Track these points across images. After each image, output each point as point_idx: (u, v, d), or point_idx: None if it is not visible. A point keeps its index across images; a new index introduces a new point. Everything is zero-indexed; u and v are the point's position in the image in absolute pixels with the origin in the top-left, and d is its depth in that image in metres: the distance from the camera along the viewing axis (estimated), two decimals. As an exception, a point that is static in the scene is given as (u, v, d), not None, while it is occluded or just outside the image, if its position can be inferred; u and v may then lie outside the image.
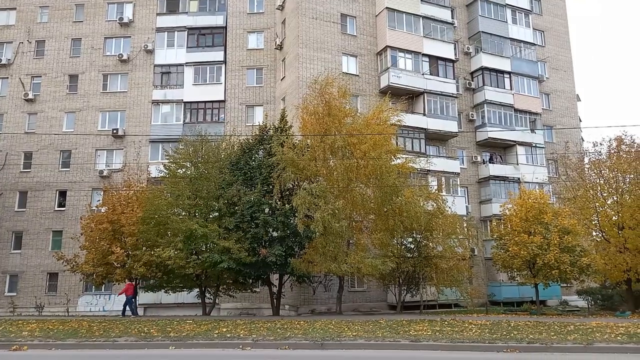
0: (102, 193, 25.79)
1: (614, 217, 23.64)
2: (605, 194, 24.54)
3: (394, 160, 21.56)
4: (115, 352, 12.21)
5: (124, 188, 22.80)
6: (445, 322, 16.69)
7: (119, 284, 22.65)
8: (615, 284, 25.62)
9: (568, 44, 38.05)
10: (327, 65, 27.89)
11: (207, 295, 22.57)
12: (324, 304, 24.63)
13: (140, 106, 31.00)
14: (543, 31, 36.93)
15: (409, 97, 29.34)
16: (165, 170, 21.98)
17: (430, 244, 22.50)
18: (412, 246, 22.64)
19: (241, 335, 13.66)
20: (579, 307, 26.24)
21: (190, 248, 20.11)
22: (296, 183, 21.10)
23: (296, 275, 21.39)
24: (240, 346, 12.20)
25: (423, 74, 29.78)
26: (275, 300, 22.39)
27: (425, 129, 29.20)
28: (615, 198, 23.94)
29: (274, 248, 19.81)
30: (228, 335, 13.62)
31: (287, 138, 21.33)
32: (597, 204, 24.38)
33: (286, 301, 24.88)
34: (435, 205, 22.38)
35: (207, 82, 31.05)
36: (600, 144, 25.37)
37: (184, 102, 30.78)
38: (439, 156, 29.89)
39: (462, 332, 13.97)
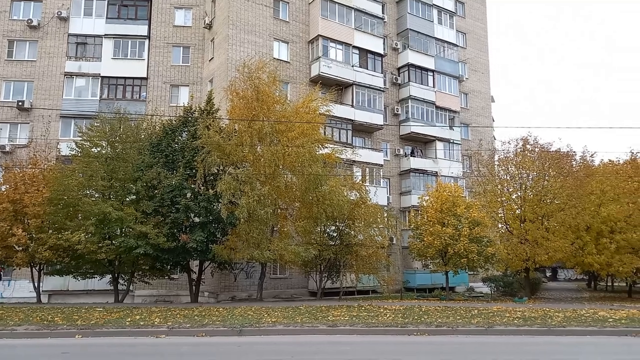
0: (1, 170, 23.46)
1: (517, 211, 25.80)
2: (510, 189, 26.70)
3: (321, 150, 21.78)
4: (14, 341, 11.25)
5: (29, 166, 20.92)
6: (362, 308, 17.28)
7: (20, 268, 20.86)
8: (515, 272, 28.03)
9: (486, 47, 40.56)
10: (257, 49, 27.43)
11: (121, 281, 21.50)
12: (245, 290, 24.49)
13: (51, 78, 28.47)
14: (465, 33, 39.01)
15: (338, 88, 29.72)
16: (77, 149, 20.44)
17: (352, 232, 23.13)
18: (335, 234, 23.15)
19: (156, 323, 13.18)
20: (483, 293, 28.38)
21: (104, 232, 18.98)
22: (221, 168, 20.64)
23: (217, 262, 21.04)
24: (155, 334, 11.79)
25: (353, 66, 30.27)
26: (194, 287, 21.87)
27: (352, 120, 29.79)
28: (519, 193, 26.12)
29: (195, 234, 19.28)
30: (141, 323, 13.09)
31: (213, 121, 20.75)
32: (503, 198, 26.47)
33: (206, 288, 24.40)
34: (358, 195, 23.02)
35: (128, 57, 29.23)
36: (509, 143, 27.52)
37: (102, 77, 28.75)
38: (365, 147, 30.68)
39: (377, 317, 14.54)
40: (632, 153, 29.76)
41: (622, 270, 24.86)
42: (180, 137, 21.78)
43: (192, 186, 20.09)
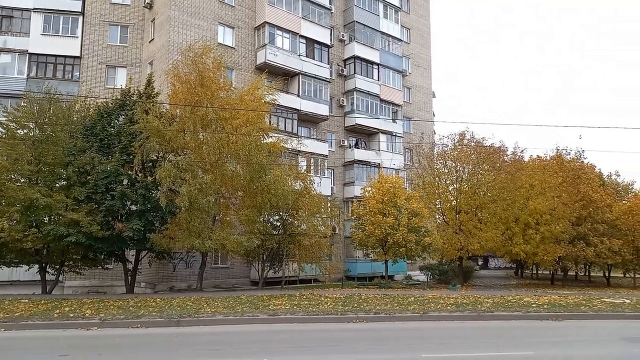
0: None
1: (453, 202, 26.95)
2: (448, 182, 27.82)
3: (266, 139, 21.55)
4: None
5: (-56, 147, 19.11)
6: (304, 297, 17.46)
7: None
8: (450, 261, 29.39)
9: (429, 44, 41.78)
10: (201, 33, 26.57)
11: (50, 271, 20.28)
12: (185, 280, 23.94)
13: (-29, 52, 26.09)
14: (409, 29, 39.93)
15: (284, 77, 29.47)
16: (1, 130, 18.93)
17: (295, 222, 23.17)
18: (278, 224, 23.10)
19: (87, 314, 12.59)
20: (420, 281, 29.52)
21: (30, 220, 17.75)
22: (161, 155, 19.88)
23: (156, 252, 20.36)
24: (86, 327, 11.26)
25: (300, 55, 30.12)
26: (130, 277, 21.05)
27: (298, 110, 29.72)
28: (455, 186, 27.27)
29: (132, 222, 18.50)
30: (71, 315, 12.45)
31: (153, 105, 19.91)
32: (440, 190, 27.56)
33: (142, 278, 23.59)
34: (303, 185, 23.05)
35: (60, 34, 27.32)
36: (447, 137, 28.64)
37: (29, 54, 26.70)
38: (310, 138, 30.73)
39: (318, 306, 14.75)
40: (558, 150, 32.00)
41: (546, 259, 26.73)
42: (116, 121, 20.73)
43: (129, 173, 19.21)
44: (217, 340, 10.38)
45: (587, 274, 37.80)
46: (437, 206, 28.13)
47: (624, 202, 31.14)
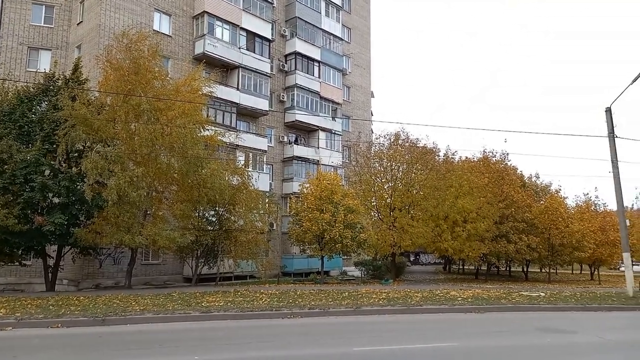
0: None
1: (388, 200, 27.80)
2: (383, 180, 28.65)
3: (202, 132, 21.00)
4: None
5: None
6: (239, 293, 17.24)
7: None
8: (384, 257, 30.30)
9: (369, 44, 42.66)
10: (135, 18, 25.36)
11: (-42, 269, 18.54)
12: (112, 278, 22.81)
13: None
14: (350, 29, 40.52)
15: (223, 69, 28.85)
16: None
17: (232, 217, 22.81)
18: (214, 219, 22.65)
19: (1, 314, 11.63)
20: (355, 276, 30.18)
21: None
22: (88, 145, 18.80)
23: (80, 247, 19.25)
24: (-2, 328, 10.39)
25: (240, 48, 29.60)
26: (50, 274, 19.72)
27: (237, 103, 29.21)
28: (390, 184, 28.14)
29: (54, 216, 17.32)
30: (-18, 316, 11.44)
31: (81, 92, 18.73)
32: (376, 188, 28.32)
33: (65, 275, 22.19)
34: (240, 180, 22.74)
35: (-25, 9, 24.95)
36: (384, 137, 29.45)
37: (-62, 28, 24.18)
38: (249, 132, 30.34)
39: (252, 302, 14.62)
40: (485, 152, 33.95)
41: (472, 255, 28.30)
42: (38, 107, 19.31)
43: (52, 163, 17.98)
44: (146, 339, 9.99)
45: (508, 269, 40.45)
46: (373, 203, 28.89)
47: (541, 202, 33.64)
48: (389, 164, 28.41)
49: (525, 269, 37.54)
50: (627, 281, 21.02)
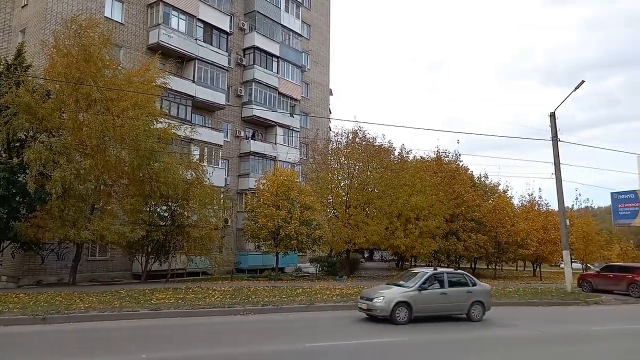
0: None
1: (344, 197, 28.04)
2: (340, 178, 28.88)
3: (156, 124, 20.37)
4: None
5: None
6: (190, 290, 16.92)
7: None
8: (338, 253, 30.57)
9: (328, 41, 42.79)
10: (85, 3, 24.18)
11: None
12: (55, 274, 21.74)
13: None
14: (310, 25, 40.48)
15: (179, 60, 28.06)
16: None
17: (185, 212, 22.29)
18: (167, 214, 22.07)
19: None
20: (309, 273, 30.25)
21: None
22: (31, 134, 17.83)
23: (21, 242, 18.24)
24: None
25: (196, 40, 28.90)
26: (-12, 271, 18.59)
27: (193, 96, 28.51)
28: (347, 182, 28.40)
29: (-8, 209, 16.33)
30: None
31: (25, 79, 17.70)
32: (333, 185, 28.50)
33: (4, 271, 20.99)
34: (194, 174, 22.24)
35: None
36: (341, 135, 29.68)
37: None
38: (205, 126, 29.71)
39: (204, 299, 14.40)
40: (438, 152, 34.96)
41: (423, 252, 29.08)
42: (-24, 93, 18.08)
43: (-9, 153, 16.93)
44: (90, 337, 9.62)
45: (457, 265, 41.84)
46: (329, 200, 29.06)
47: (490, 201, 35.02)
48: (346, 161, 28.65)
49: (473, 266, 38.96)
50: (566, 278, 22.30)
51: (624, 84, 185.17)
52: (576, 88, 22.13)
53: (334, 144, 30.40)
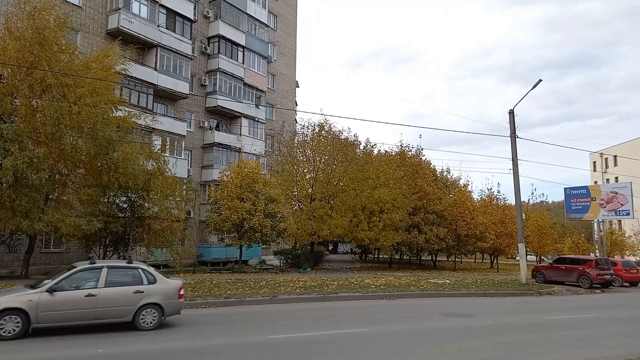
0: None
1: (309, 190, 28.11)
2: (305, 170, 28.90)
3: (115, 112, 19.69)
4: None
5: None
6: (151, 283, 16.52)
7: None
8: (303, 246, 30.64)
9: (295, 33, 42.49)
10: (40, -17, 22.97)
11: None
12: (6, 267, 20.78)
13: None
14: (276, 16, 40.05)
15: (140, 47, 27.20)
16: None
17: (146, 204, 21.71)
18: (126, 205, 21.44)
19: None
20: (273, 265, 30.23)
21: None
22: (-21, 120, 16.85)
23: (-33, 233, 17.29)
24: None
25: (159, 26, 28.05)
26: None
27: (155, 84, 27.72)
28: (312, 174, 28.45)
29: None
30: None
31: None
32: (298, 178, 28.48)
33: (-50, 265, 19.87)
34: (156, 165, 21.66)
35: None
36: (307, 127, 29.66)
37: None
38: (167, 116, 28.96)
39: (165, 292, 14.08)
40: (402, 146, 35.50)
41: (386, 244, 29.55)
42: None
43: None
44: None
45: (418, 258, 42.80)
46: (294, 193, 29.05)
47: (451, 195, 35.92)
48: (311, 154, 28.68)
49: (434, 258, 39.97)
50: (521, 269, 23.22)
51: (579, 84, 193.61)
52: (534, 87, 22.93)
53: (300, 137, 30.36)
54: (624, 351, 8.26)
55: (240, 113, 33.94)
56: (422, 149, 36.48)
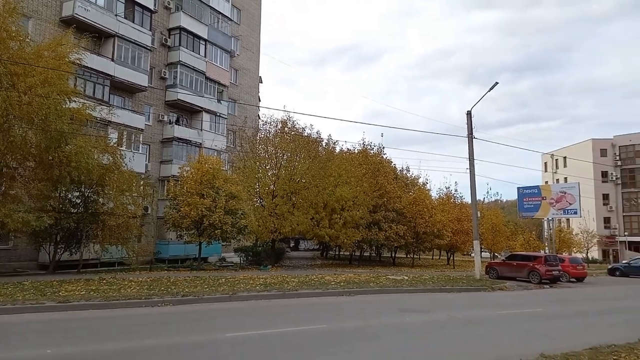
0: None
1: (271, 187, 27.98)
2: (267, 167, 28.75)
3: (68, 103, 18.91)
4: None
5: None
6: (104, 281, 16.06)
7: None
8: (264, 243, 30.48)
9: (259, 28, 42.07)
10: (-12, -35, 21.71)
11: None
12: (-53, 265, 19.63)
13: None
14: (240, 10, 39.53)
15: (96, 37, 26.16)
16: None
17: (100, 199, 21.06)
18: (79, 201, 20.67)
19: None
20: (234, 262, 29.92)
21: None
22: None
23: None
24: None
25: (117, 15, 27.11)
26: None
27: (112, 75, 26.78)
28: (274, 171, 28.33)
29: None
30: None
31: None
32: (260, 174, 28.30)
33: None
34: (112, 159, 20.99)
35: None
36: (270, 123, 29.49)
37: None
38: (124, 108, 28.05)
39: (120, 290, 13.72)
40: (364, 144, 35.90)
41: (346, 241, 29.88)
42: None
43: None
44: (-14, 334, 8.74)
45: (378, 254, 43.53)
46: (256, 190, 28.84)
47: (410, 194, 36.69)
48: (274, 151, 28.55)
49: (393, 255, 40.73)
50: (475, 266, 24.01)
51: (534, 87, 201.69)
52: (490, 89, 23.71)
53: (263, 133, 30.15)
54: (568, 345, 8.69)
55: (202, 107, 33.34)
56: (383, 148, 37.12)
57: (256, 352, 7.89)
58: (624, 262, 37.81)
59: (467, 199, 42.08)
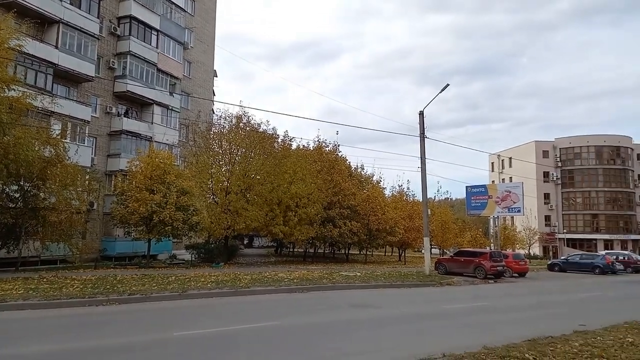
0: None
1: (225, 183, 27.49)
2: (221, 163, 28.23)
3: (7, 92, 17.74)
4: None
5: None
6: (45, 280, 15.27)
7: None
8: (217, 240, 29.95)
9: (214, 21, 41.21)
10: None
11: None
12: None
13: None
14: (194, 1, 38.56)
15: (39, 22, 24.73)
16: None
17: (41, 194, 19.94)
18: (18, 195, 19.48)
19: None
20: (185, 260, 29.21)
21: None
22: None
23: None
24: None
25: (62, 1, 25.72)
26: None
27: (55, 64, 25.40)
28: (228, 167, 27.87)
29: None
30: None
31: None
32: (213, 170, 27.76)
33: None
34: (54, 152, 19.91)
35: None
36: (225, 118, 28.98)
37: None
38: (69, 99, 26.70)
39: (61, 289, 13.08)
40: (319, 141, 36.03)
41: (301, 238, 29.87)
42: None
43: None
44: None
45: (332, 251, 43.86)
46: (209, 186, 28.25)
47: (364, 191, 37.19)
48: (228, 146, 28.06)
49: (347, 251, 41.16)
50: (425, 262, 24.69)
51: (483, 90, 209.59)
52: (442, 90, 24.40)
53: (217, 128, 29.58)
54: (509, 336, 9.09)
55: (153, 100, 32.29)
56: (338, 145, 37.36)
57: (205, 350, 7.73)
58: (562, 258, 40.19)
59: (419, 196, 43.22)
